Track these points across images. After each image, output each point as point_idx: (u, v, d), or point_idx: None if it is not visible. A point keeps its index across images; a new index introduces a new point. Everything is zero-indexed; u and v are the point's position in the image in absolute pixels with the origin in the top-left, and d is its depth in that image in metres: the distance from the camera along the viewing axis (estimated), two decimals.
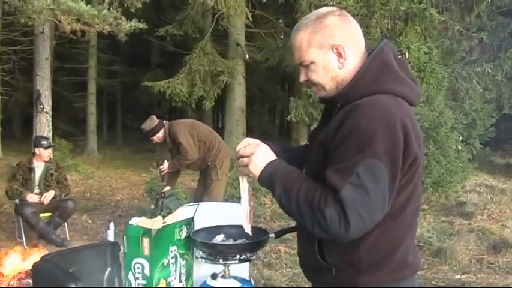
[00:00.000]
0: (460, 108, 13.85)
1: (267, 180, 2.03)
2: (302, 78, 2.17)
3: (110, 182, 14.76)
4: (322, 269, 2.10)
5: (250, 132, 18.97)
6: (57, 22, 10.25)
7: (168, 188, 8.05)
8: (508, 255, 7.12)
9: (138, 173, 15.18)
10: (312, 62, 2.10)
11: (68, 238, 8.01)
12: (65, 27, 10.18)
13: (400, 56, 2.18)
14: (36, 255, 4.64)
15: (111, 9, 10.36)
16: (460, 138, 11.90)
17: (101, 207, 10.87)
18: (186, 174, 9.76)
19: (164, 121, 7.93)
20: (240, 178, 2.22)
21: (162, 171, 8.09)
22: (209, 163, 7.74)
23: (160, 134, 7.78)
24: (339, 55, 2.08)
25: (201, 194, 7.87)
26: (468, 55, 16.46)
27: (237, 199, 9.32)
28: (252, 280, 2.88)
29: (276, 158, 2.10)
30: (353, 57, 2.10)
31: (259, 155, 2.09)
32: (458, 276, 6.40)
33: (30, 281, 3.23)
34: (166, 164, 7.96)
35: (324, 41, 2.07)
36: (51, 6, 9.57)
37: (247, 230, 2.29)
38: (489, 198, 10.51)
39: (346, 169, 1.85)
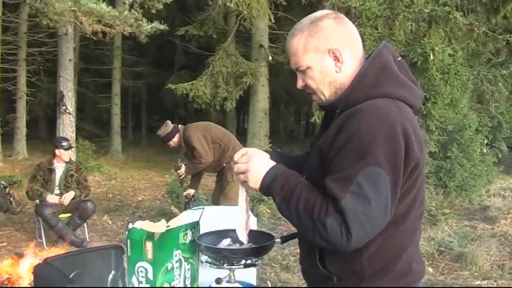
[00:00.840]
0: (485, 110, 13.65)
1: (266, 189, 1.98)
2: (299, 84, 2.11)
3: (133, 183, 14.85)
4: (323, 278, 2.05)
5: (276, 134, 18.97)
6: (79, 23, 10.33)
7: (191, 191, 8.03)
8: None
9: (161, 174, 15.21)
10: (309, 67, 2.04)
11: (88, 239, 8.05)
12: (86, 29, 10.25)
13: (399, 58, 2.12)
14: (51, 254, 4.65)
15: (132, 10, 10.41)
16: (485, 141, 11.75)
17: (122, 208, 10.92)
18: (208, 176, 9.75)
19: (179, 125, 7.95)
20: (240, 186, 2.18)
21: (180, 176, 8.11)
22: (224, 164, 7.70)
23: (176, 138, 7.79)
24: (336, 59, 2.02)
25: (217, 197, 7.86)
26: (494, 57, 16.22)
27: (257, 201, 9.33)
28: (268, 283, 2.84)
29: (274, 164, 2.03)
30: (351, 60, 2.04)
31: (256, 163, 2.03)
32: (478, 282, 6.28)
33: None
34: (183, 168, 7.99)
35: (320, 45, 2.01)
36: (72, 8, 9.65)
37: (243, 238, 2.26)
38: None
39: (346, 178, 1.80)
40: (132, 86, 24.76)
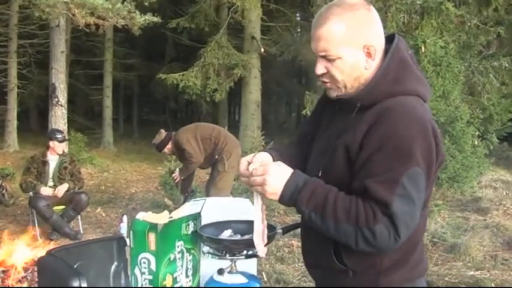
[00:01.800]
0: (476, 102, 13.70)
1: (289, 200, 1.90)
2: (320, 70, 2.00)
3: (125, 175, 14.85)
4: (336, 271, 2.05)
5: (267, 126, 18.96)
6: (71, 15, 10.28)
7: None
8: None
9: (154, 166, 15.22)
10: (340, 58, 1.95)
11: (82, 231, 8.06)
12: (79, 21, 10.20)
13: (410, 51, 2.10)
14: (46, 247, 4.66)
15: (125, 2, 10.37)
16: (477, 133, 11.79)
17: (115, 200, 10.93)
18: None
19: (173, 132, 8.27)
20: (254, 194, 2.06)
21: (175, 179, 8.41)
22: (217, 156, 7.93)
23: (169, 145, 8.17)
24: (369, 55, 1.96)
25: (209, 186, 8.00)
26: (485, 49, 16.29)
27: (250, 194, 9.31)
28: (263, 275, 2.85)
29: (291, 171, 1.94)
30: (378, 56, 2.00)
31: (274, 174, 1.92)
32: (471, 273, 6.34)
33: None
34: (177, 171, 8.32)
35: (358, 39, 1.94)
36: (65, 0, 9.61)
37: (260, 250, 2.15)
38: (505, 193, 10.43)
39: (391, 180, 1.79)
40: (124, 78, 24.68)
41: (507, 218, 8.75)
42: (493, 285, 5.92)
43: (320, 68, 2.00)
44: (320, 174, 1.99)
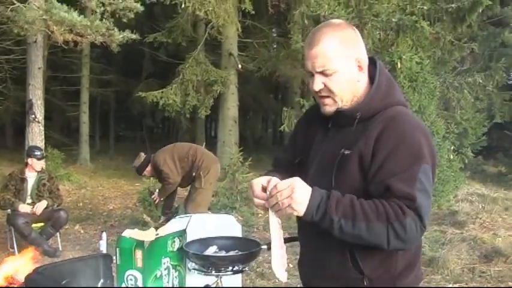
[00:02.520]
0: (451, 117, 13.89)
1: (316, 213, 1.94)
2: (318, 86, 2.14)
3: (103, 191, 14.77)
4: (351, 280, 2.12)
5: (243, 142, 19.01)
6: (50, 32, 10.27)
7: (163, 219, 8.23)
8: (499, 264, 7.14)
9: (131, 182, 15.16)
10: (336, 72, 2.10)
11: (61, 248, 8.00)
12: (57, 38, 10.18)
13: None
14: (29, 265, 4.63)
15: (104, 20, 10.38)
16: (452, 148, 11.94)
17: (94, 217, 10.86)
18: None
19: (152, 154, 8.31)
20: (270, 217, 2.06)
21: (155, 201, 8.54)
22: (194, 173, 7.97)
23: (149, 167, 8.20)
24: (360, 68, 2.15)
25: (187, 203, 8.08)
26: (460, 65, 16.55)
27: (229, 209, 9.37)
28: None
29: (310, 188, 1.97)
30: (365, 71, 2.20)
31: (300, 190, 1.95)
32: (450, 286, 6.41)
33: None
34: (156, 192, 8.44)
35: (351, 53, 2.12)
36: (43, 17, 9.59)
37: (281, 276, 2.10)
38: (481, 207, 10.54)
39: (410, 178, 1.95)
40: (100, 94, 24.58)
41: (483, 231, 8.85)
42: None
43: (318, 84, 2.13)
44: (333, 186, 2.06)
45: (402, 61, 10.54)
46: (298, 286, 6.32)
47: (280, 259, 2.09)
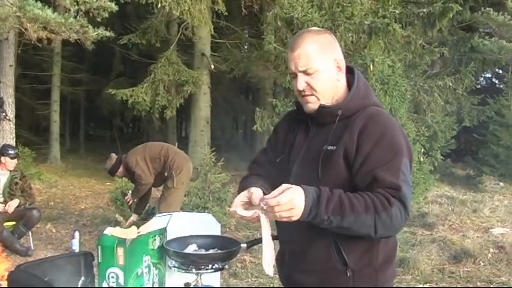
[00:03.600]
0: (421, 120, 14.02)
1: (309, 215, 1.99)
2: (301, 85, 2.28)
3: (74, 190, 14.68)
4: (335, 273, 2.21)
5: (214, 142, 19.00)
6: (23, 30, 10.17)
7: (134, 217, 8.27)
8: (468, 265, 7.26)
9: (102, 181, 15.09)
10: (318, 71, 2.26)
11: (32, 247, 7.94)
12: (31, 35, 10.09)
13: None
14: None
15: (78, 17, 10.31)
16: (422, 150, 12.06)
17: (65, 216, 10.80)
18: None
19: (123, 155, 8.24)
20: (262, 217, 2.08)
21: (128, 202, 8.42)
22: (166, 173, 7.94)
23: (121, 169, 8.11)
24: (339, 68, 2.32)
25: (159, 203, 8.10)
26: (430, 69, 16.75)
27: (202, 209, 9.38)
28: None
29: (300, 189, 2.00)
30: (344, 72, 2.36)
31: (299, 204, 1.97)
32: (420, 286, 6.51)
33: None
34: (129, 194, 8.34)
35: (330, 54, 2.30)
36: (17, 14, 9.51)
37: (270, 271, 2.15)
38: (450, 209, 10.68)
39: (395, 169, 2.09)
40: (71, 92, 24.37)
41: (453, 232, 8.99)
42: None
43: (301, 83, 2.28)
44: (320, 180, 2.15)
45: (374, 64, 10.65)
46: (273, 286, 6.41)
47: (270, 256, 2.15)
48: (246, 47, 20.74)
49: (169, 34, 18.14)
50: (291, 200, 1.95)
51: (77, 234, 5.55)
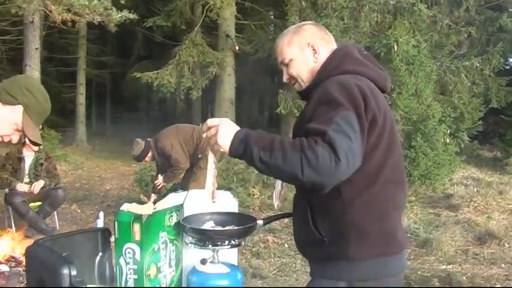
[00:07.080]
0: (448, 101, 13.88)
1: (239, 146, 2.09)
2: (285, 77, 2.55)
3: (99, 172, 14.82)
4: (316, 242, 2.28)
5: (240, 124, 18.94)
6: (48, 12, 10.23)
7: (153, 196, 8.14)
8: (492, 246, 7.22)
9: (128, 163, 15.17)
10: (291, 60, 2.49)
11: (58, 227, 8.04)
12: (55, 17, 10.14)
13: (366, 52, 2.54)
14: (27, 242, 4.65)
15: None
16: (448, 132, 11.96)
17: (90, 197, 10.92)
18: None
19: (149, 139, 8.05)
20: (209, 156, 2.34)
21: (158, 186, 8.21)
22: (200, 155, 7.81)
23: (150, 153, 7.96)
24: (314, 51, 2.47)
25: (187, 181, 7.99)
26: (457, 49, 16.53)
27: (225, 190, 9.38)
28: (240, 267, 2.91)
29: (237, 127, 2.17)
30: (325, 53, 2.48)
31: (226, 125, 2.15)
32: (443, 267, 6.48)
33: (20, 268, 3.25)
34: (160, 178, 8.12)
35: (302, 40, 2.49)
36: None
37: (209, 197, 2.38)
38: (475, 190, 10.57)
39: (326, 120, 2.05)
40: (96, 75, 24.53)
41: (477, 214, 8.92)
42: (464, 278, 6.06)
43: (285, 76, 2.55)
44: None
45: (399, 44, 10.54)
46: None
47: (211, 189, 2.37)
48: (271, 28, 20.62)
49: (194, 16, 18.12)
50: (220, 125, 2.12)
51: (101, 214, 5.55)
